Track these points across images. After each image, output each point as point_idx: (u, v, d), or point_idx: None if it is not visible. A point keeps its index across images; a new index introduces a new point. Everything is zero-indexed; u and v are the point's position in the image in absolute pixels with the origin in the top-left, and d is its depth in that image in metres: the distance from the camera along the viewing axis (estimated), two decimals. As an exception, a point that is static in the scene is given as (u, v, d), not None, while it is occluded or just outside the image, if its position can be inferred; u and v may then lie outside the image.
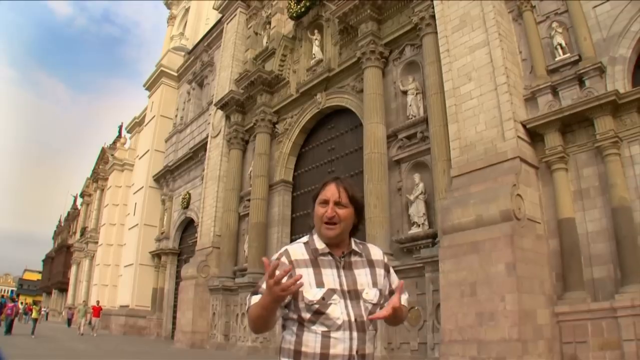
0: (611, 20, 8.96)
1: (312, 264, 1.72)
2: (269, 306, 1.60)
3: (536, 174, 9.07)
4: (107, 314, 26.72)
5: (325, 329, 1.64)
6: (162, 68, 28.33)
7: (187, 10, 32.71)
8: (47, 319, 47.57)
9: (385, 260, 1.88)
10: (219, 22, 23.10)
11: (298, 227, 15.74)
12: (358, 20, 13.05)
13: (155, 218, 25.98)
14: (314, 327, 1.65)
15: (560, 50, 9.42)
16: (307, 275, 1.69)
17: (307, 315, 1.66)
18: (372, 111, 12.05)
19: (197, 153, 22.54)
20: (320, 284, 1.68)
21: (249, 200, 16.61)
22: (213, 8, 24.09)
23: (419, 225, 10.66)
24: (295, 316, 1.68)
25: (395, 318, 1.75)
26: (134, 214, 27.45)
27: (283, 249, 1.78)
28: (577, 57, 9.09)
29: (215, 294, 16.50)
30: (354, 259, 1.79)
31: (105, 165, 37.17)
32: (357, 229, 1.82)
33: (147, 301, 24.32)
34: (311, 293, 1.66)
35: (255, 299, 1.68)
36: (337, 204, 1.73)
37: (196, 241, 19.47)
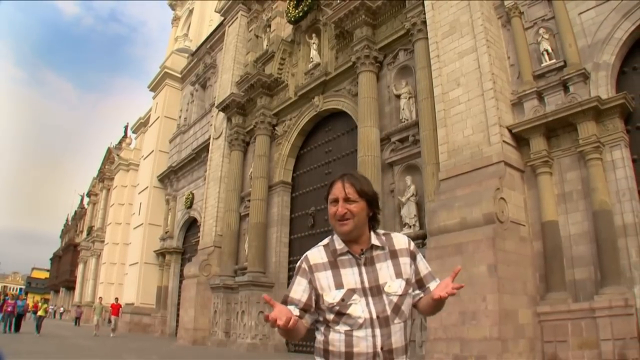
0: (596, 27, 9.17)
1: (331, 266, 1.77)
2: (282, 331, 1.65)
3: (521, 177, 9.32)
4: (107, 311, 27.19)
5: (347, 328, 1.69)
6: (166, 70, 28.75)
7: (191, 11, 33.11)
8: (60, 317, 48.27)
9: (411, 247, 1.86)
10: (221, 25, 23.45)
11: (297, 227, 16.07)
12: (353, 25, 13.33)
13: (160, 217, 26.43)
14: (337, 327, 1.70)
15: (546, 56, 9.64)
16: (325, 278, 1.75)
17: (330, 317, 1.72)
18: (366, 115, 12.34)
19: (200, 154, 22.94)
20: (339, 285, 1.73)
21: (249, 200, 16.95)
22: (215, 11, 24.48)
23: (410, 227, 10.94)
24: (321, 318, 1.75)
25: (435, 307, 1.80)
26: (139, 214, 27.93)
27: (304, 255, 1.84)
28: (562, 63, 9.31)
29: (216, 292, 16.86)
30: (375, 253, 1.80)
31: (111, 165, 37.74)
32: (375, 219, 1.84)
33: (152, 299, 24.77)
34: (330, 296, 1.71)
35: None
36: (347, 200, 1.75)
37: (199, 240, 19.86)
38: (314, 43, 15.93)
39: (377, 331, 1.67)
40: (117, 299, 22.52)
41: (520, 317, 7.96)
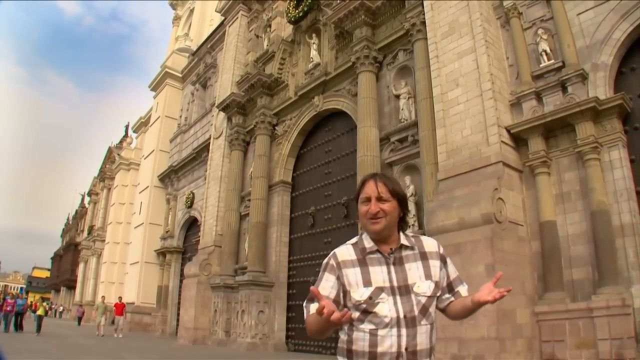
0: (594, 28, 9.19)
1: (360, 264, 1.75)
2: (324, 325, 1.62)
3: (520, 177, 9.35)
4: (110, 311, 27.27)
5: (373, 327, 1.67)
6: (166, 69, 28.81)
7: (191, 11, 33.16)
8: (60, 316, 48.35)
9: (441, 251, 1.87)
10: (221, 25, 23.49)
11: (297, 227, 16.11)
12: (353, 25, 13.36)
13: (160, 217, 26.49)
14: (362, 326, 1.69)
15: (545, 57, 9.66)
16: (354, 275, 1.73)
17: (356, 315, 1.70)
18: (366, 115, 12.37)
19: (201, 153, 22.99)
20: (367, 283, 1.71)
21: (249, 200, 16.99)
22: (215, 10, 24.53)
23: (409, 226, 10.90)
24: None
25: (471, 311, 1.80)
26: (140, 213, 27.99)
27: (332, 252, 1.83)
28: (560, 64, 9.33)
29: (216, 291, 16.90)
30: (404, 253, 1.79)
31: (112, 164, 37.81)
32: (404, 221, 1.84)
33: (153, 298, 24.83)
34: (358, 293, 1.70)
35: (313, 307, 1.72)
36: (379, 199, 1.75)
37: (199, 240, 19.91)
38: (314, 43, 15.97)
39: (403, 331, 1.66)
40: (120, 298, 21.91)
41: (518, 316, 8.00)
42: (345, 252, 1.80)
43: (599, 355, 7.48)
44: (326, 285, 1.76)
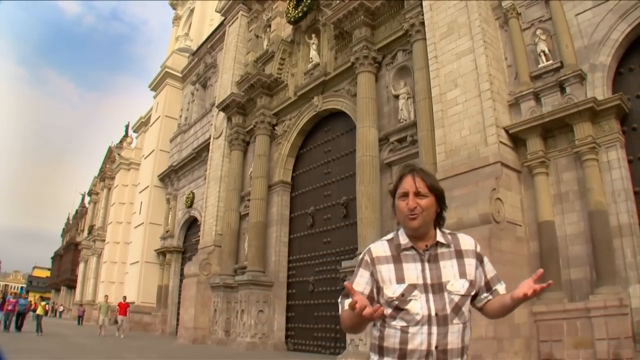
0: (592, 28, 9.22)
1: (394, 260, 1.74)
2: (357, 320, 1.63)
3: (518, 178, 9.38)
4: (113, 310, 27.32)
5: (404, 324, 1.67)
6: (166, 69, 28.86)
7: (191, 11, 33.19)
8: (60, 316, 48.39)
9: (478, 249, 1.84)
10: (221, 25, 23.52)
11: (296, 227, 16.14)
12: (352, 26, 13.38)
13: (160, 217, 26.54)
14: (394, 323, 1.69)
15: (543, 57, 9.70)
16: (387, 271, 1.73)
17: (388, 311, 1.70)
18: (365, 115, 12.40)
19: (201, 153, 23.02)
20: (400, 280, 1.70)
21: (249, 200, 17.02)
22: (215, 11, 24.55)
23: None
24: None
25: (510, 309, 1.78)
26: (140, 213, 28.04)
27: (366, 248, 1.82)
28: (559, 64, 9.35)
29: (216, 291, 16.94)
30: (440, 250, 1.77)
31: (112, 164, 37.85)
32: (440, 217, 1.82)
33: (153, 298, 24.88)
34: (391, 289, 1.70)
35: (347, 303, 1.69)
36: (417, 194, 1.73)
37: (199, 239, 19.95)
38: (313, 43, 16.00)
39: (434, 329, 1.65)
40: (125, 297, 21.10)
41: (516, 316, 8.01)
42: (380, 248, 1.80)
43: (596, 355, 7.51)
44: (360, 281, 1.76)
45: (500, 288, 1.86)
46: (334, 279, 13.38)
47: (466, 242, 1.84)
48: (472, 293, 1.77)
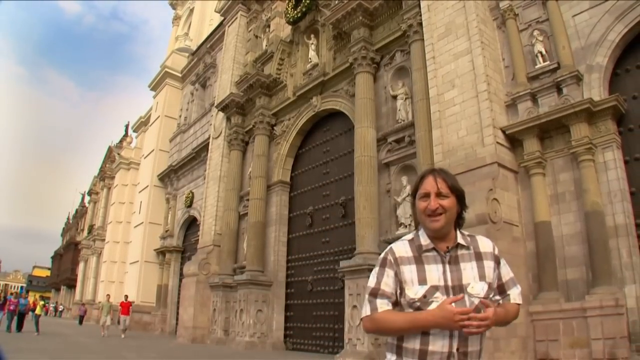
0: (589, 29, 9.26)
1: (416, 261, 1.73)
2: (422, 326, 1.63)
3: (515, 178, 9.42)
4: (114, 310, 27.36)
5: None
6: (166, 69, 28.89)
7: (191, 10, 33.22)
8: (60, 315, 48.42)
9: (496, 252, 1.82)
10: (221, 25, 23.55)
11: (295, 227, 16.19)
12: (351, 26, 13.41)
13: (160, 216, 26.59)
14: None
15: (540, 58, 9.74)
16: (409, 272, 1.71)
17: (409, 312, 1.69)
18: (363, 115, 12.43)
19: (200, 153, 23.06)
20: (422, 281, 1.69)
21: (248, 200, 17.07)
22: (215, 11, 24.58)
23: (406, 226, 11.05)
24: None
25: (497, 323, 1.73)
26: (140, 212, 28.09)
27: (388, 248, 1.81)
28: (556, 65, 9.40)
29: (215, 290, 16.98)
30: (460, 252, 1.76)
31: (112, 163, 37.89)
32: (460, 217, 1.80)
33: (152, 297, 24.93)
34: (413, 290, 1.68)
35: (381, 303, 1.72)
36: (439, 194, 1.72)
37: (199, 239, 19.99)
38: (312, 44, 16.03)
39: (455, 331, 1.63)
40: (126, 296, 20.95)
41: (512, 316, 8.05)
42: (401, 248, 1.78)
43: (592, 354, 7.56)
44: (389, 282, 1.73)
45: (514, 293, 1.84)
46: (333, 279, 13.43)
47: (485, 244, 1.82)
48: (491, 296, 1.75)
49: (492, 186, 8.54)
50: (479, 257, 1.76)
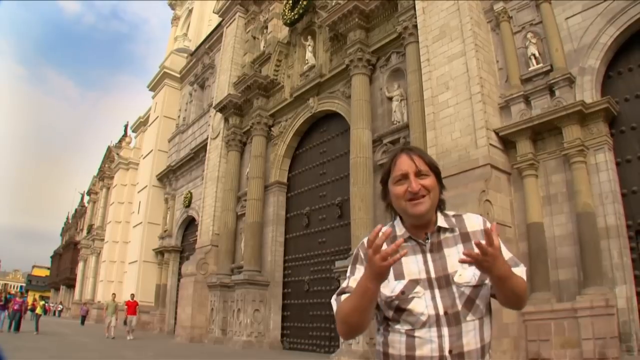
0: (582, 32, 9.34)
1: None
2: (366, 289, 1.36)
3: (508, 180, 9.50)
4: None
5: (409, 327, 1.43)
6: (165, 69, 28.95)
7: (190, 11, 33.29)
8: (59, 315, 48.47)
9: (487, 226, 1.46)
10: (219, 26, 23.61)
11: (292, 227, 16.28)
12: (347, 28, 13.49)
13: (159, 216, 26.68)
14: (397, 326, 1.46)
15: (533, 60, 9.82)
16: None
17: (389, 313, 1.47)
18: (359, 117, 12.52)
19: (198, 153, 23.14)
20: (399, 275, 1.46)
21: (245, 200, 17.16)
22: (213, 12, 24.65)
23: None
24: (380, 316, 1.52)
25: (509, 292, 1.44)
26: (139, 212, 28.19)
27: (360, 242, 1.56)
28: (549, 68, 9.48)
29: (213, 290, 17.07)
30: (443, 236, 1.52)
31: (111, 163, 37.96)
32: (439, 199, 1.55)
33: (151, 297, 25.02)
34: (389, 288, 1.45)
35: (344, 297, 1.48)
36: (418, 174, 1.49)
37: (197, 239, 20.08)
38: (309, 45, 16.11)
39: (445, 330, 1.40)
40: (132, 295, 19.91)
41: (504, 316, 8.14)
42: None
43: (583, 354, 7.64)
44: (358, 278, 1.47)
45: (518, 272, 1.47)
46: (329, 279, 13.52)
47: (473, 222, 1.55)
48: (487, 281, 1.45)
49: (484, 188, 8.63)
50: (466, 238, 1.51)
